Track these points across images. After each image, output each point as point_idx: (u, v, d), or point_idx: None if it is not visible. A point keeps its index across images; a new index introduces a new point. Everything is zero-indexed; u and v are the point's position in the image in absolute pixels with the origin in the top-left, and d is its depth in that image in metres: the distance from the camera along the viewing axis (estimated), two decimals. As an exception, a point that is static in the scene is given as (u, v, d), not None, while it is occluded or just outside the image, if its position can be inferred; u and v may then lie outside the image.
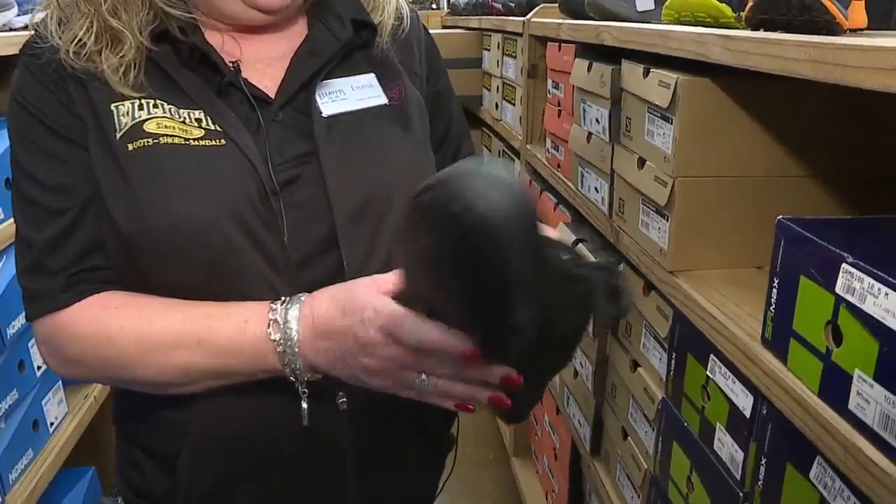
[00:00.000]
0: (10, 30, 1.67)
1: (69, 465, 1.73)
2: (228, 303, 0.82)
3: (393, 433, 0.93)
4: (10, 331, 1.46)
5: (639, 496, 1.27)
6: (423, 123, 0.96)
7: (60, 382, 1.72)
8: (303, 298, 0.80)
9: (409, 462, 0.98)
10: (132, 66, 0.82)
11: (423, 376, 0.73)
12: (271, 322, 0.79)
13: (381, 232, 0.86)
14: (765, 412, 0.86)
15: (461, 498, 2.53)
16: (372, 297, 0.73)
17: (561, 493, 1.91)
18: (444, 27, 3.31)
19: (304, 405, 0.81)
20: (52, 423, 1.67)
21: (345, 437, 0.87)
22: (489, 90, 2.71)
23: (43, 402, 1.64)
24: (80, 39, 0.82)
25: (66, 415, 1.74)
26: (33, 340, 1.59)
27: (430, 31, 1.08)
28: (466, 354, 0.68)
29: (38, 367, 1.61)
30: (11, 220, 1.49)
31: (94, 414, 1.84)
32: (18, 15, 1.71)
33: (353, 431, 0.87)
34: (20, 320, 1.50)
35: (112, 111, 0.82)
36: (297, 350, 0.78)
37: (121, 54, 0.81)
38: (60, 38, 0.82)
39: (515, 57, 2.25)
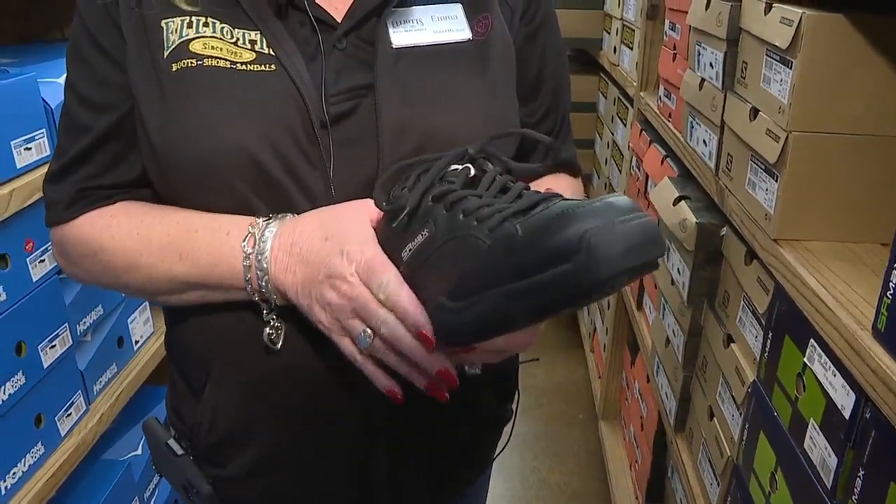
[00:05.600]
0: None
1: (152, 383, 1.76)
2: (218, 216, 0.77)
3: (432, 404, 0.85)
4: (96, 248, 1.48)
5: (718, 484, 1.16)
6: (507, 67, 0.85)
7: (147, 303, 1.75)
8: (289, 216, 0.75)
9: (450, 436, 0.90)
10: None
11: (369, 332, 0.67)
12: (248, 235, 0.74)
13: None
14: (868, 415, 0.73)
15: (545, 455, 2.47)
16: (361, 232, 0.68)
17: (643, 466, 1.80)
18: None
19: (268, 329, 0.77)
20: (136, 342, 1.70)
21: (373, 401, 0.80)
22: (609, 33, 2.54)
23: (129, 321, 1.67)
24: None
25: (151, 335, 1.77)
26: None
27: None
28: (424, 335, 0.64)
29: (125, 286, 1.64)
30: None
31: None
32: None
33: (381, 395, 0.80)
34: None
35: (162, 28, 0.77)
36: (265, 266, 0.73)
37: None
38: None
39: (637, -5, 2.08)
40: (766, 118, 0.96)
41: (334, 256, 0.67)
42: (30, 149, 1.28)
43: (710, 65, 1.20)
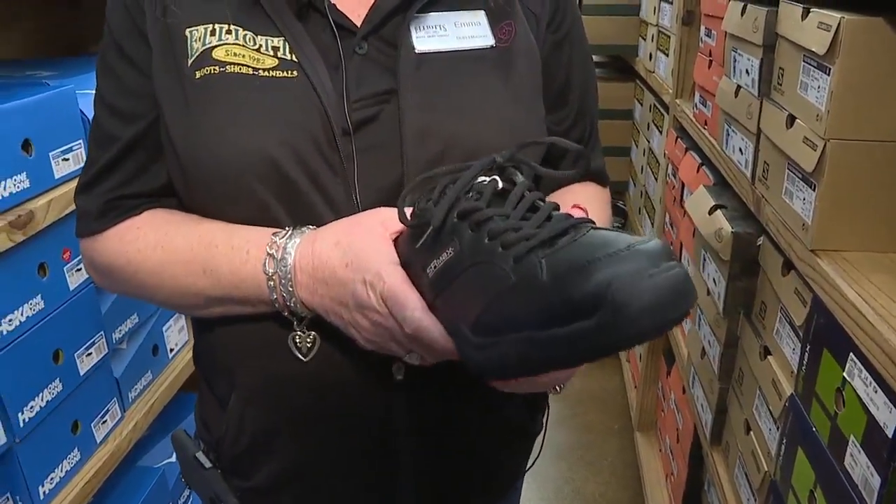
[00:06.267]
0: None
1: (186, 390, 1.78)
2: (237, 229, 0.77)
3: (459, 415, 0.84)
4: (132, 258, 1.50)
5: (755, 499, 1.13)
6: (532, 74, 0.84)
7: (183, 311, 1.77)
8: (305, 233, 0.74)
9: (479, 447, 0.89)
10: None
11: (413, 354, 0.68)
12: (267, 258, 0.74)
13: None
14: (910, 433, 0.71)
15: (579, 466, 2.44)
16: (378, 256, 0.67)
17: (679, 479, 1.77)
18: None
19: (295, 338, 0.77)
20: (171, 350, 1.72)
21: (400, 410, 0.80)
22: (644, 39, 2.52)
23: (164, 329, 1.69)
24: None
25: (185, 343, 1.78)
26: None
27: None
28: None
29: (160, 295, 1.66)
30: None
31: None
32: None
33: (408, 404, 0.79)
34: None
35: (186, 36, 0.77)
36: (291, 289, 0.73)
37: None
38: None
39: (672, 2, 2.05)
40: (803, 126, 0.94)
41: (358, 285, 0.67)
42: (67, 159, 1.31)
43: (746, 71, 1.18)
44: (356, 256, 0.68)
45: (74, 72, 1.49)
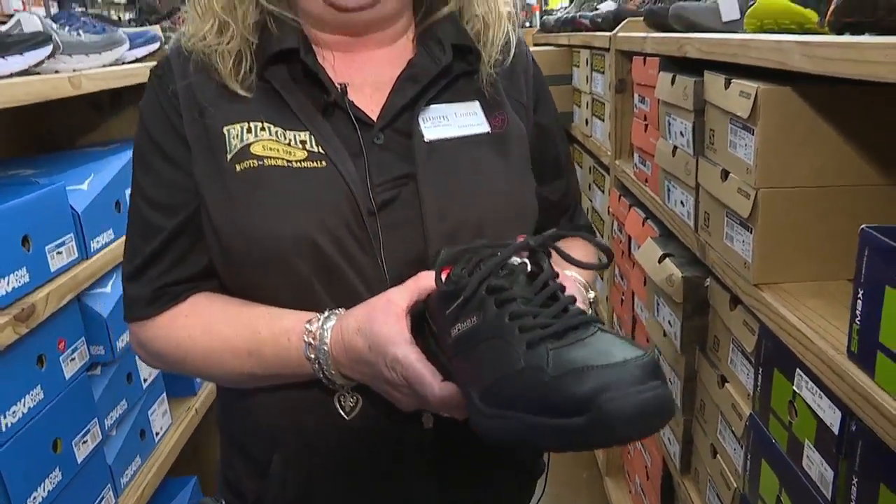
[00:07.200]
0: (122, 63, 1.79)
1: (173, 474, 1.81)
2: (276, 314, 0.86)
3: (480, 455, 0.94)
4: (120, 344, 1.56)
5: (728, 516, 1.24)
6: (523, 154, 0.97)
7: (165, 394, 1.82)
8: (333, 319, 0.83)
9: (497, 484, 0.99)
10: (241, 59, 0.88)
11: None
12: (307, 345, 0.83)
13: None
14: (854, 429, 0.83)
15: (554, 519, 2.51)
16: (393, 337, 0.76)
17: (653, 514, 1.87)
18: (535, 45, 3.33)
19: (339, 400, 0.87)
20: (157, 433, 1.76)
21: (430, 454, 0.89)
22: (579, 106, 2.70)
23: (149, 413, 1.73)
24: (203, 33, 0.89)
25: (170, 425, 1.83)
26: (140, 353, 1.69)
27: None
28: None
29: (145, 379, 1.71)
30: (121, 240, 1.59)
31: (196, 426, 1.93)
32: (130, 49, 1.83)
33: (437, 449, 0.89)
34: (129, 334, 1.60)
35: (224, 134, 0.87)
36: (333, 370, 0.83)
37: (228, 42, 0.88)
38: (191, 40, 0.90)
39: (603, 72, 2.24)
40: (735, 178, 1.09)
41: (382, 367, 0.77)
42: (61, 252, 1.38)
43: (681, 133, 1.34)
44: (375, 341, 0.77)
45: (58, 169, 1.56)
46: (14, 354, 1.24)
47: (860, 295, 0.79)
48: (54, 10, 4.74)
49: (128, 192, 1.65)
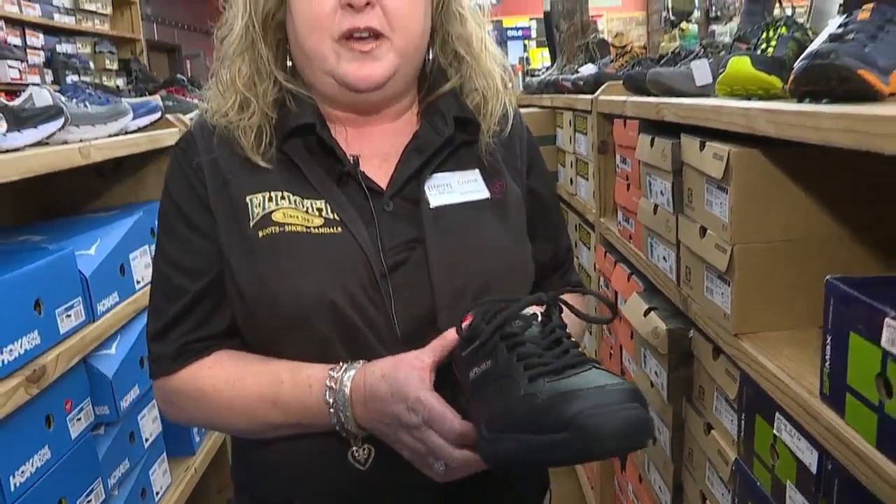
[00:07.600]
0: (126, 133, 1.86)
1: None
2: (298, 366, 0.93)
3: (486, 496, 0.99)
4: (124, 404, 1.60)
5: (719, 560, 1.28)
6: (521, 216, 1.05)
7: (165, 454, 1.84)
8: (357, 368, 0.90)
9: None
10: (262, 133, 0.96)
11: (442, 464, 0.83)
12: (327, 390, 0.90)
13: None
14: (830, 467, 0.88)
15: (549, 572, 2.51)
16: (417, 385, 0.83)
17: (647, 564, 1.89)
18: (520, 105, 3.42)
19: (354, 450, 0.92)
20: (157, 492, 1.78)
21: (441, 498, 0.94)
22: (564, 166, 2.79)
23: (150, 472, 1.76)
24: (225, 109, 0.98)
25: (170, 485, 1.85)
26: (143, 413, 1.73)
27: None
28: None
29: (146, 439, 1.74)
30: (125, 303, 1.65)
31: (195, 485, 1.95)
32: (133, 119, 1.91)
33: (447, 494, 0.93)
34: (132, 394, 1.64)
35: (247, 203, 0.95)
36: (349, 414, 0.89)
37: (249, 117, 0.96)
38: (214, 116, 0.99)
39: (586, 133, 2.33)
40: (713, 235, 1.16)
41: (402, 410, 0.83)
42: (70, 316, 1.43)
43: (661, 192, 1.42)
44: (398, 387, 0.84)
45: (64, 235, 1.62)
46: (24, 415, 1.28)
47: (828, 341, 0.85)
48: (49, 77, 4.87)
49: (132, 256, 1.72)
